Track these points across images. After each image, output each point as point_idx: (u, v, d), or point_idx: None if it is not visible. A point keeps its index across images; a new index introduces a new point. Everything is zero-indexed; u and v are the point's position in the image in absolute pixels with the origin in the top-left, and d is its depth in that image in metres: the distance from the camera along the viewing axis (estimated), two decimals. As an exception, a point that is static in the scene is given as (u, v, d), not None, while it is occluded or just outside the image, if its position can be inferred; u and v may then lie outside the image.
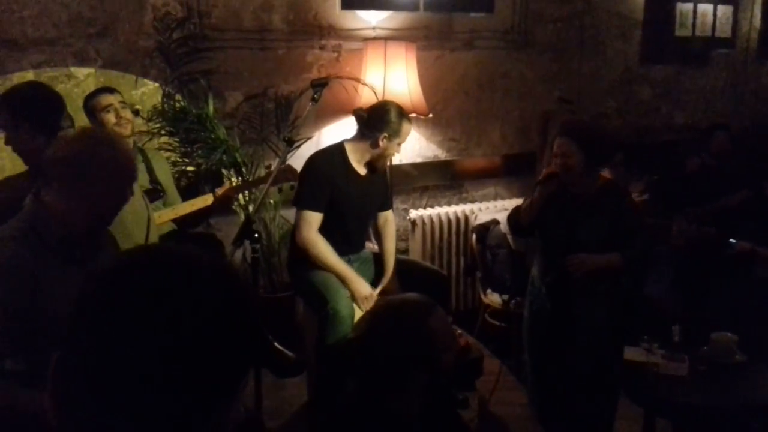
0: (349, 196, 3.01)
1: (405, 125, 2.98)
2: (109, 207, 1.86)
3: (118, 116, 2.98)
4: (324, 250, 2.95)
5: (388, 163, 3.43)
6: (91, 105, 2.97)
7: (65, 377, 0.73)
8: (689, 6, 5.23)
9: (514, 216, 3.13)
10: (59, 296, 1.67)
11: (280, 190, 3.60)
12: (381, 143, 2.96)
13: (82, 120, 3.28)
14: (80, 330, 0.73)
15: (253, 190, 3.50)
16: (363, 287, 2.97)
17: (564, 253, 2.87)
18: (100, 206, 1.83)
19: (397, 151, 3.11)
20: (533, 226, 3.01)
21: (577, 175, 2.86)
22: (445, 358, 1.72)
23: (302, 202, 2.98)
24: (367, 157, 3.02)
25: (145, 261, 0.78)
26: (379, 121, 2.96)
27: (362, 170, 3.03)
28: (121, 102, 3.00)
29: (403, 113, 2.99)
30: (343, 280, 2.96)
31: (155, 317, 0.71)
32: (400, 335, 1.72)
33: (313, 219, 2.95)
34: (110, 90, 3.03)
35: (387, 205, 3.30)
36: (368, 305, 2.96)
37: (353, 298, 2.95)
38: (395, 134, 2.96)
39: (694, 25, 5.27)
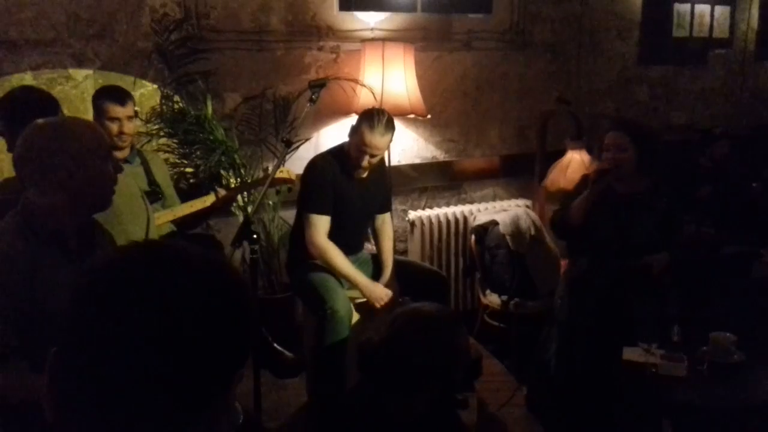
0: (349, 198, 3.01)
1: (366, 134, 2.86)
2: (93, 192, 1.81)
3: (120, 130, 2.95)
4: (335, 256, 2.95)
5: (387, 164, 3.44)
6: (98, 106, 2.94)
7: (62, 372, 0.73)
8: (687, 7, 5.23)
9: (560, 217, 3.07)
10: (55, 289, 1.67)
11: (277, 192, 3.60)
12: (350, 144, 2.96)
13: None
14: (76, 325, 0.74)
15: (252, 191, 3.50)
16: (377, 290, 2.97)
17: (616, 254, 2.84)
18: (83, 193, 1.78)
19: (363, 163, 2.94)
20: (581, 227, 2.95)
21: (628, 172, 2.84)
22: (459, 375, 1.74)
23: (309, 205, 2.98)
24: None
25: (139, 256, 0.79)
26: (354, 124, 2.96)
27: (362, 173, 3.03)
28: (128, 116, 2.96)
29: (372, 123, 2.86)
30: (355, 286, 2.96)
31: (149, 310, 0.71)
32: (428, 346, 1.75)
33: (321, 222, 2.95)
34: (122, 100, 2.95)
35: (386, 208, 3.30)
36: (383, 304, 2.96)
37: (369, 301, 2.95)
38: (359, 139, 2.89)
39: (691, 25, 5.28)
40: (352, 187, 3.02)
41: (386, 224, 3.28)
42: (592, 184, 2.90)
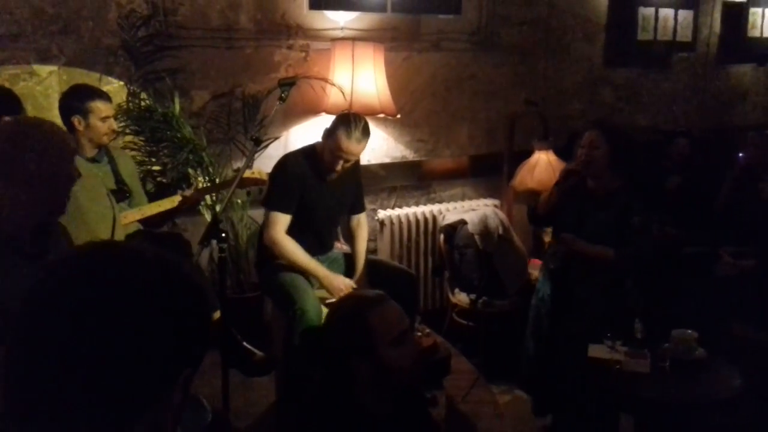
0: (320, 197, 3.00)
1: (343, 140, 2.84)
2: (54, 192, 1.81)
3: (110, 127, 2.96)
4: (291, 249, 2.94)
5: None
6: (88, 106, 2.89)
7: (9, 368, 0.75)
8: (651, 10, 5.33)
9: (533, 207, 3.31)
10: (9, 293, 1.65)
11: (248, 194, 3.59)
12: (323, 147, 2.95)
13: (44, 117, 3.22)
14: (22, 321, 0.76)
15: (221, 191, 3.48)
16: (337, 281, 2.96)
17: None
18: (44, 192, 1.78)
19: (337, 167, 2.92)
20: (549, 217, 3.20)
21: (600, 169, 2.99)
22: (387, 354, 1.72)
23: (271, 202, 2.97)
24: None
25: (88, 257, 0.81)
26: (329, 127, 2.95)
27: (335, 175, 3.02)
28: (112, 113, 3.00)
29: (349, 129, 2.84)
30: (315, 278, 2.95)
31: (92, 310, 0.74)
32: (337, 325, 1.80)
33: (280, 220, 2.94)
34: (109, 98, 2.97)
35: (359, 208, 3.30)
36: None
37: (328, 293, 2.95)
38: (334, 144, 2.87)
39: (655, 29, 5.38)
40: (322, 187, 3.01)
41: (361, 227, 3.27)
42: (556, 184, 3.10)
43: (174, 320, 0.78)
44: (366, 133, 2.90)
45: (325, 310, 2.94)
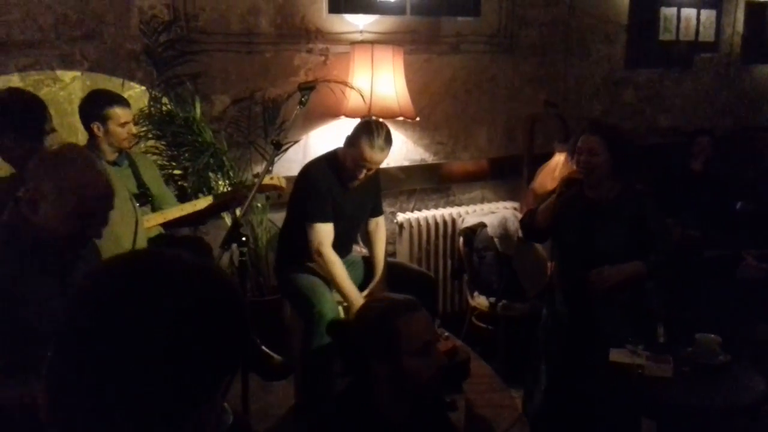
0: (343, 204, 3.01)
1: (366, 149, 2.83)
2: (89, 227, 1.86)
3: (129, 132, 3.02)
4: (339, 271, 2.94)
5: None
6: (107, 113, 2.94)
7: (57, 374, 0.75)
8: (673, 10, 5.28)
9: (529, 219, 3.07)
10: (32, 303, 1.69)
11: (267, 197, 3.60)
12: (345, 155, 2.95)
13: (67, 123, 3.27)
14: (73, 328, 0.76)
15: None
16: None
17: (582, 260, 2.81)
18: (80, 225, 1.82)
19: (360, 175, 2.93)
20: (549, 231, 2.97)
21: (600, 177, 2.80)
22: (409, 363, 1.71)
23: (312, 215, 2.94)
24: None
25: (138, 263, 0.81)
26: (351, 135, 2.95)
27: (357, 183, 3.01)
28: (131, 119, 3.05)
29: (372, 138, 2.83)
30: (347, 302, 2.95)
31: (144, 316, 0.73)
32: (364, 325, 1.80)
33: (325, 231, 2.93)
34: (128, 103, 3.03)
35: (378, 211, 3.31)
36: None
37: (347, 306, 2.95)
38: (357, 153, 2.87)
39: (677, 29, 5.33)
40: (345, 194, 3.01)
41: (380, 228, 3.28)
42: (557, 194, 2.89)
43: (220, 327, 0.78)
44: (389, 141, 2.89)
45: (342, 314, 2.95)
